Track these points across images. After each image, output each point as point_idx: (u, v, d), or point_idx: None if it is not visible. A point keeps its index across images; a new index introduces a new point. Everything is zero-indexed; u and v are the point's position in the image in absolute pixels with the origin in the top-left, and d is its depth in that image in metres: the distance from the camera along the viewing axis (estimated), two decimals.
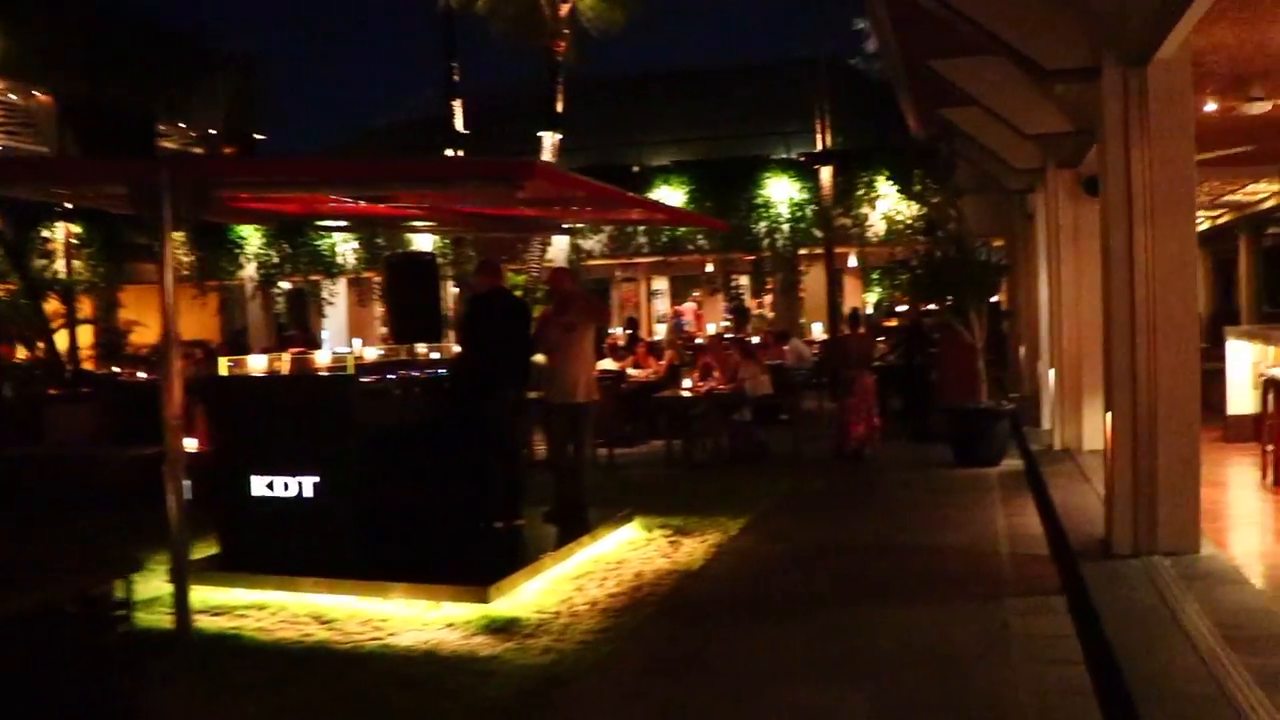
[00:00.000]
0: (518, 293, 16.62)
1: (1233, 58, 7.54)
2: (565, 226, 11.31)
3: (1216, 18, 6.48)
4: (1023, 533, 8.72)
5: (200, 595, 7.33)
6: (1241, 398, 11.46)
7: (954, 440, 12.37)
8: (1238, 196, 18.30)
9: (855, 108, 24.63)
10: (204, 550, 8.24)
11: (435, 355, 9.40)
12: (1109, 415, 7.08)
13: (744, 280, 26.97)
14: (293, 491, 7.70)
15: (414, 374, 8.79)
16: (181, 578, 6.60)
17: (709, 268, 27.15)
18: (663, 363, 16.13)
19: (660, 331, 32.05)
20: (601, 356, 16.23)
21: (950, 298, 12.61)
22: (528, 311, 9.21)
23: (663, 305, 34.11)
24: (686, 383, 13.50)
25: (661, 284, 33.85)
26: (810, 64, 21.76)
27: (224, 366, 8.31)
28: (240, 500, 7.85)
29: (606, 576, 7.80)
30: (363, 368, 8.20)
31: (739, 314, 29.61)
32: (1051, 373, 11.89)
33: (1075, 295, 11.51)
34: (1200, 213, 21.67)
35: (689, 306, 33.40)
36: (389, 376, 8.38)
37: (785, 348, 19.15)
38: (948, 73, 9.70)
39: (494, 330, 8.75)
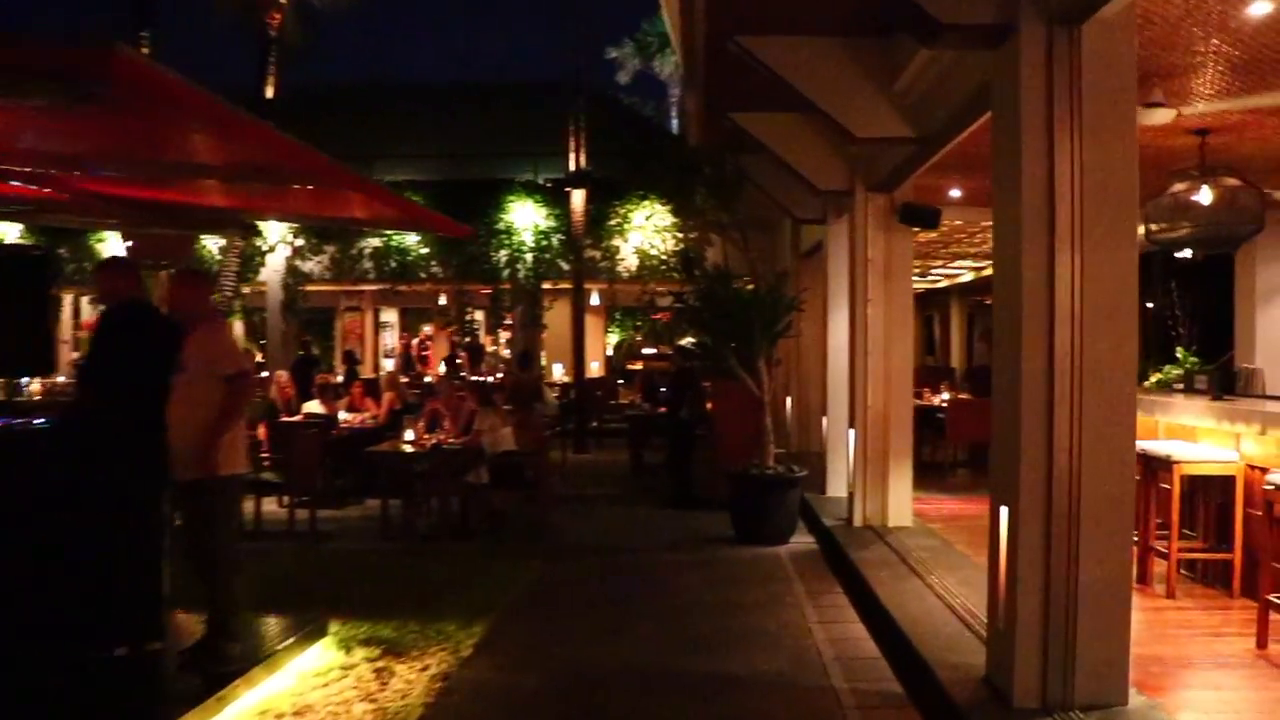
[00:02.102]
0: None
1: (1156, 39, 5.77)
2: (253, 223, 8.48)
3: None
4: (854, 653, 6.62)
5: None
6: None
7: (736, 512, 10.30)
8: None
9: (609, 139, 22.74)
10: None
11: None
12: (1004, 510, 5.07)
13: (480, 315, 24.59)
14: None
15: None
16: None
17: (442, 299, 24.58)
18: (382, 406, 13.44)
19: (389, 367, 29.33)
20: (308, 397, 13.43)
21: (732, 341, 10.56)
22: (179, 335, 6.25)
23: (391, 339, 31.39)
24: (409, 433, 10.88)
25: (391, 315, 31.15)
26: (560, 86, 19.62)
27: None
28: None
29: None
30: None
31: (473, 351, 27.40)
32: (851, 434, 10.03)
33: (884, 342, 9.71)
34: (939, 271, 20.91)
35: (414, 340, 30.93)
36: None
37: None
38: (761, 53, 7.64)
39: (126, 360, 5.93)
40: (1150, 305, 19.49)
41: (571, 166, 18.63)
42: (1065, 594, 4.84)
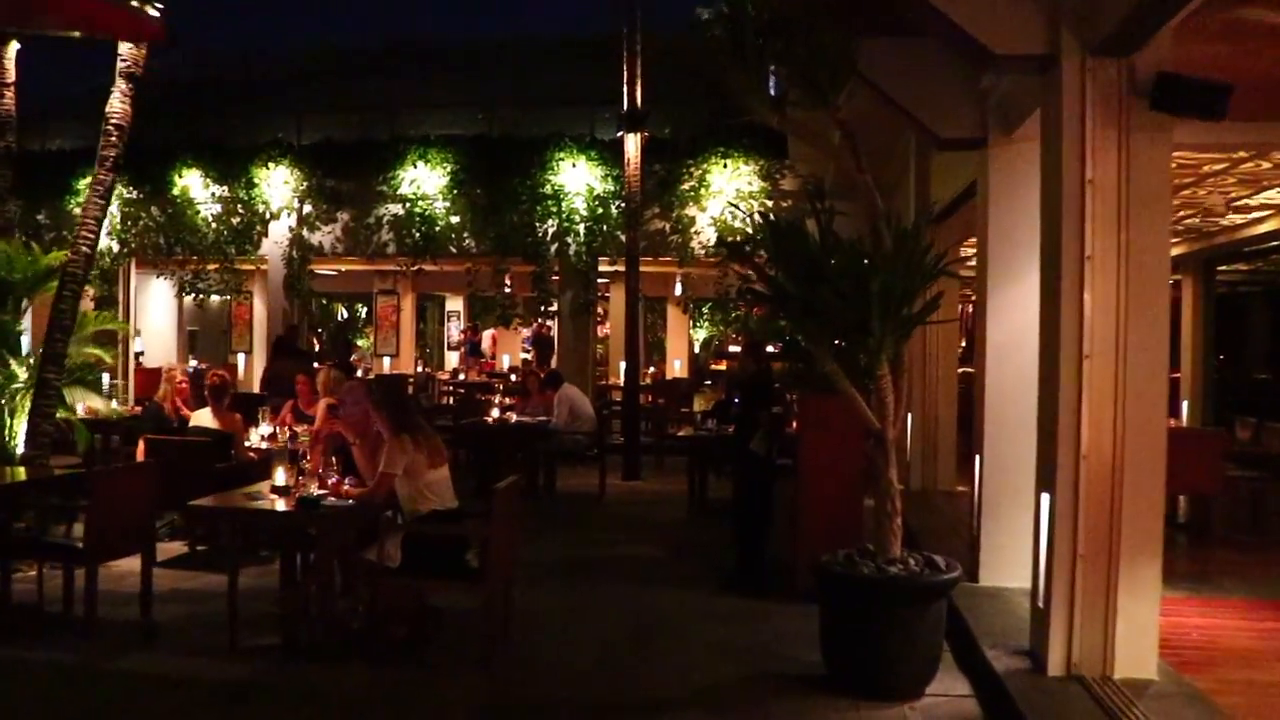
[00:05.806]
0: (50, 286, 9.48)
1: None
2: None
3: None
4: None
5: None
6: None
7: (831, 634, 5.79)
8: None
9: (682, 97, 17.99)
10: None
11: None
12: None
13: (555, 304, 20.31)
14: None
15: None
16: None
17: (508, 287, 20.12)
18: (317, 416, 9.16)
19: (453, 362, 25.65)
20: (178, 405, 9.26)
21: (832, 333, 6.03)
22: None
23: (456, 330, 27.63)
24: (279, 475, 6.47)
25: (457, 304, 27.15)
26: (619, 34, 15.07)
27: None
28: None
29: None
30: None
31: (541, 345, 23.68)
32: (1045, 501, 5.49)
33: (1117, 335, 5.17)
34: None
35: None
36: None
37: (555, 397, 12.50)
38: None
39: None
40: None
41: (626, 104, 14.19)
42: None
